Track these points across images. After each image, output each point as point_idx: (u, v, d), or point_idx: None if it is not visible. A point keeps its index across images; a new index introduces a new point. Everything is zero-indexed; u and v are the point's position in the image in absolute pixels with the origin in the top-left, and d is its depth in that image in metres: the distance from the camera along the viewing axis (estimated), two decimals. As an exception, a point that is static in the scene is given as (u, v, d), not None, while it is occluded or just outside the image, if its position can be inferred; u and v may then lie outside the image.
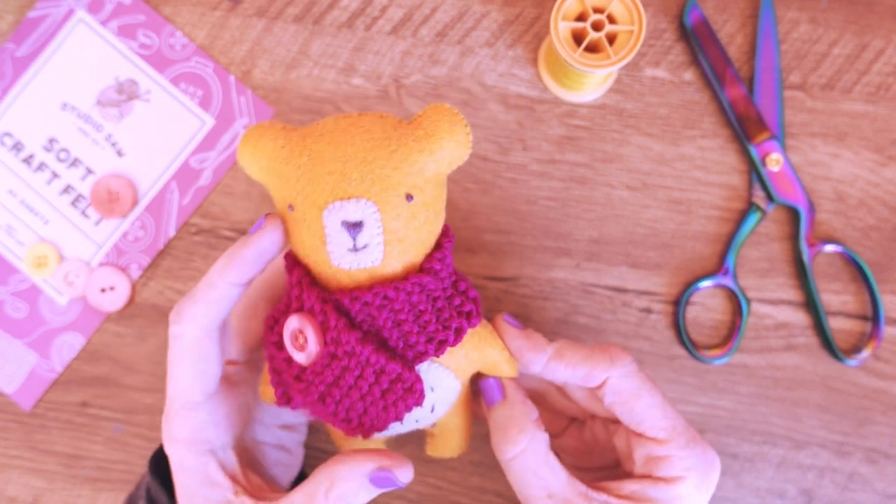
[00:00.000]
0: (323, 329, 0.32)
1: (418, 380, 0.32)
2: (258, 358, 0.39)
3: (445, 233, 0.33)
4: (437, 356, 0.33)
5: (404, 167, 0.30)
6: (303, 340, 0.32)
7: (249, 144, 0.32)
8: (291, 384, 0.33)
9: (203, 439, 0.34)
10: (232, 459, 0.35)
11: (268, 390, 0.35)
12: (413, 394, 0.32)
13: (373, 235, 0.30)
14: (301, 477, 0.42)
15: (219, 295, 0.32)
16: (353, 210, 0.30)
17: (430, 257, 0.32)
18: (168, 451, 0.34)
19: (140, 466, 0.47)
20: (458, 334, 0.33)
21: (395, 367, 0.32)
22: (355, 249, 0.30)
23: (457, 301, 0.33)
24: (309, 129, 0.32)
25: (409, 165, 0.30)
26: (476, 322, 0.33)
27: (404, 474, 0.33)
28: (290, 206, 0.31)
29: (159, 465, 0.39)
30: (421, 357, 0.32)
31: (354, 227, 0.30)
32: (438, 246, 0.33)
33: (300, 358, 0.32)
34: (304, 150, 0.31)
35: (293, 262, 0.33)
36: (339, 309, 0.31)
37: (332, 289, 0.32)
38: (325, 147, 0.30)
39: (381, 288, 0.31)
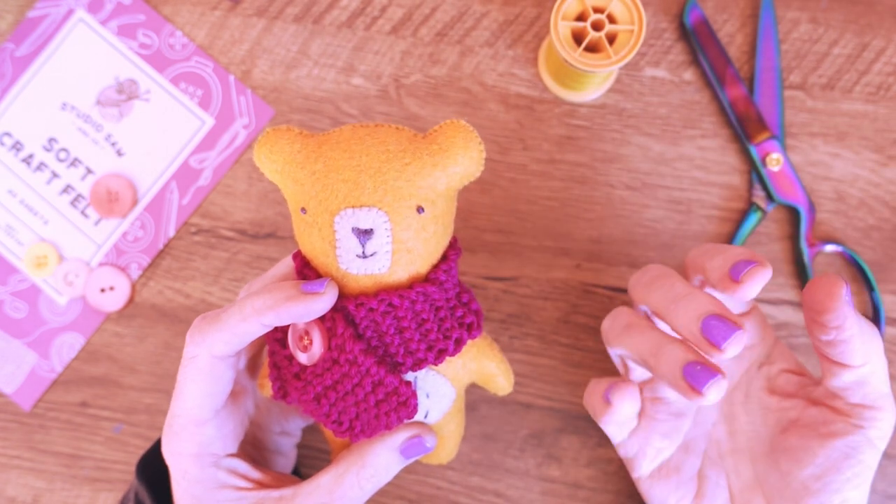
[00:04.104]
0: (329, 334, 0.32)
1: (413, 395, 0.33)
2: (258, 364, 0.39)
3: (453, 245, 0.34)
4: (436, 364, 0.33)
5: (417, 180, 0.31)
6: (307, 342, 0.33)
7: (266, 147, 0.33)
8: (290, 381, 0.34)
9: (210, 453, 0.34)
10: (239, 463, 0.35)
11: (266, 383, 0.36)
12: (406, 408, 0.33)
13: (382, 244, 0.31)
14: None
15: (247, 329, 0.32)
16: (365, 218, 0.31)
17: (435, 268, 0.33)
18: (171, 463, 0.34)
19: (140, 466, 0.47)
20: (458, 345, 0.33)
21: (393, 381, 0.33)
22: (364, 256, 0.31)
23: (459, 312, 0.34)
24: (325, 135, 0.32)
25: (422, 179, 0.31)
26: (476, 334, 0.34)
27: (431, 439, 0.35)
28: (303, 210, 0.32)
29: (146, 468, 0.39)
30: (420, 364, 0.33)
31: (365, 234, 0.31)
32: (445, 258, 0.33)
33: (302, 358, 0.33)
34: (319, 157, 0.32)
35: (303, 263, 0.33)
36: (346, 318, 0.32)
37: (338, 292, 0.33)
38: (341, 155, 0.31)
39: (387, 295, 0.31)
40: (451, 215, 0.33)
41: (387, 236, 0.31)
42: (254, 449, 0.40)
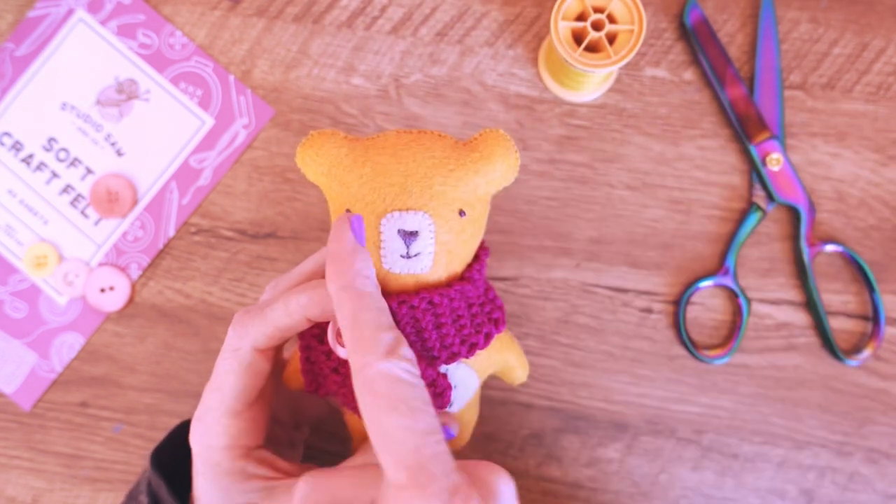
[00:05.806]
0: None
1: (449, 387, 0.34)
2: (281, 358, 0.39)
3: (482, 245, 0.36)
4: (468, 357, 0.35)
5: (460, 186, 0.33)
6: None
7: (312, 149, 0.34)
8: (328, 375, 0.35)
9: (241, 445, 0.35)
10: (267, 454, 0.36)
11: (295, 377, 0.37)
12: (441, 398, 0.34)
13: (426, 245, 0.33)
14: None
15: (290, 324, 0.32)
16: (411, 221, 0.32)
17: (469, 267, 0.35)
18: (200, 454, 0.35)
19: (139, 466, 0.47)
20: (488, 338, 0.35)
21: (431, 374, 0.34)
22: (408, 256, 0.33)
23: (487, 308, 0.35)
24: (370, 140, 0.34)
25: (465, 185, 0.33)
26: (502, 328, 0.36)
27: (455, 427, 0.36)
28: (348, 211, 0.33)
29: (160, 458, 0.39)
30: (454, 357, 0.34)
31: (410, 235, 0.32)
32: (476, 257, 0.35)
33: (342, 353, 0.34)
34: (367, 161, 0.33)
35: None
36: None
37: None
38: (388, 160, 0.33)
39: (428, 293, 0.33)
40: (485, 218, 0.35)
41: (430, 238, 0.32)
42: (269, 442, 0.40)
